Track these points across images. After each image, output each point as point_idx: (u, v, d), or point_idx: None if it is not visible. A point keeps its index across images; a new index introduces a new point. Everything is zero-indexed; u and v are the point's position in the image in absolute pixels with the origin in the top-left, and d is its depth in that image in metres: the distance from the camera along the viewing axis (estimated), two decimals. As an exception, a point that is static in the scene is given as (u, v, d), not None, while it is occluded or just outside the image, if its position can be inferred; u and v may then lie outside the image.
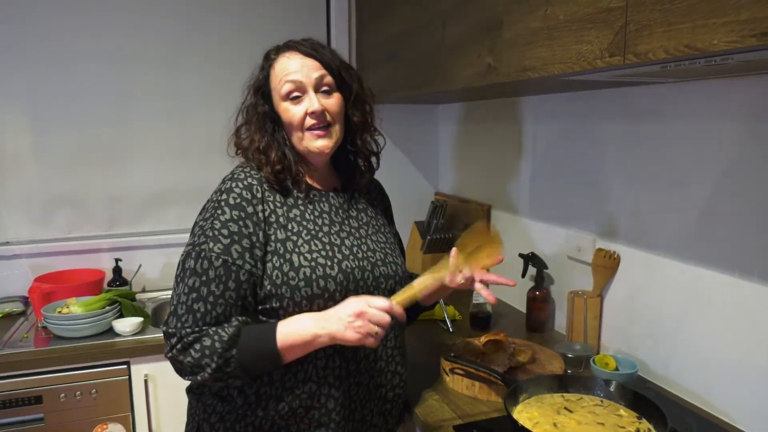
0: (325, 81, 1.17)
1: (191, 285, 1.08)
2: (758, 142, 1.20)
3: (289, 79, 1.16)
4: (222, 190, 1.14)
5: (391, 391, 1.26)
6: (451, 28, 1.64)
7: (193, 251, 1.10)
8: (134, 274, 2.32)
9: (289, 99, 1.16)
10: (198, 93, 2.39)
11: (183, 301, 1.08)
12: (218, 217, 1.10)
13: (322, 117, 1.16)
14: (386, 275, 1.23)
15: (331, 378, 1.15)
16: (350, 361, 1.18)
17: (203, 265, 1.08)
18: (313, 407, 1.15)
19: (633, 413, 1.19)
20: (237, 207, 1.11)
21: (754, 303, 1.23)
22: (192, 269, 1.08)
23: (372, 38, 2.38)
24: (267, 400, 1.14)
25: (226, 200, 1.12)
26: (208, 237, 1.09)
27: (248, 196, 1.13)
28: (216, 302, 1.07)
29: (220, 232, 1.09)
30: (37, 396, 1.78)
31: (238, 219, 1.10)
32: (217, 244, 1.08)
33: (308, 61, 1.17)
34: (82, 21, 2.24)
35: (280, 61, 1.18)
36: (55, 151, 2.27)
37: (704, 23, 0.83)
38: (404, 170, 2.75)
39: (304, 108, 1.15)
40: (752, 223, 1.23)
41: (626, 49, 0.98)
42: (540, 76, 1.23)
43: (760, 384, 1.23)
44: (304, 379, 1.13)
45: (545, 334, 1.86)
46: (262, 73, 1.21)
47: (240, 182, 1.14)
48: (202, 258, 1.08)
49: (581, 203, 1.76)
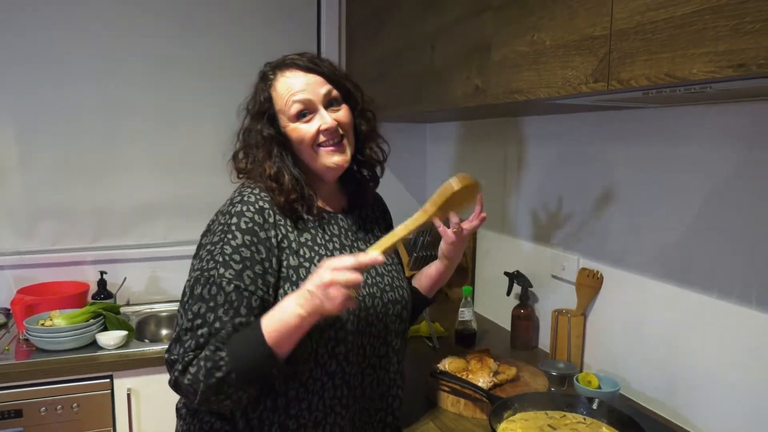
0: (333, 95, 1.15)
1: (196, 311, 1.02)
2: (738, 166, 1.24)
3: (297, 99, 1.12)
4: (232, 213, 1.08)
5: (390, 415, 1.25)
6: (440, 49, 1.68)
7: (201, 276, 1.04)
8: (119, 287, 2.30)
9: (299, 119, 1.13)
10: (186, 107, 2.40)
11: (187, 327, 1.02)
12: (229, 242, 1.05)
13: (336, 132, 1.13)
14: (394, 301, 1.21)
15: (338, 407, 1.13)
16: (357, 388, 1.16)
17: (211, 291, 1.03)
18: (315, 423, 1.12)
19: (615, 431, 1.21)
20: (249, 232, 1.06)
21: (735, 322, 1.26)
22: (199, 295, 1.03)
23: (362, 58, 2.41)
24: (270, 426, 1.10)
25: (237, 224, 1.06)
26: (218, 262, 1.03)
27: (260, 221, 1.08)
28: (222, 328, 1.01)
29: (232, 257, 1.04)
30: (17, 409, 1.75)
31: (251, 244, 1.05)
32: (228, 270, 1.03)
33: (311, 77, 1.13)
34: (70, 34, 2.24)
35: (281, 80, 1.14)
36: (41, 163, 2.26)
37: (684, 53, 0.86)
38: (392, 188, 2.76)
39: (316, 126, 1.12)
40: (732, 245, 1.26)
41: (610, 76, 1.02)
42: (527, 98, 1.26)
43: (741, 402, 1.26)
44: (309, 408, 1.10)
45: (529, 352, 1.87)
46: (263, 94, 1.15)
47: (251, 206, 1.09)
48: (210, 284, 1.03)
49: (566, 223, 1.79)
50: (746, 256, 1.23)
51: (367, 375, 1.17)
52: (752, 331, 1.22)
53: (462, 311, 1.90)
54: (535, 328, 1.92)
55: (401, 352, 1.27)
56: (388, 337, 1.21)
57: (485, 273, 2.26)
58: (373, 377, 1.19)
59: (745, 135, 1.22)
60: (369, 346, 1.17)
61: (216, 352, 0.99)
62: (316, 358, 1.09)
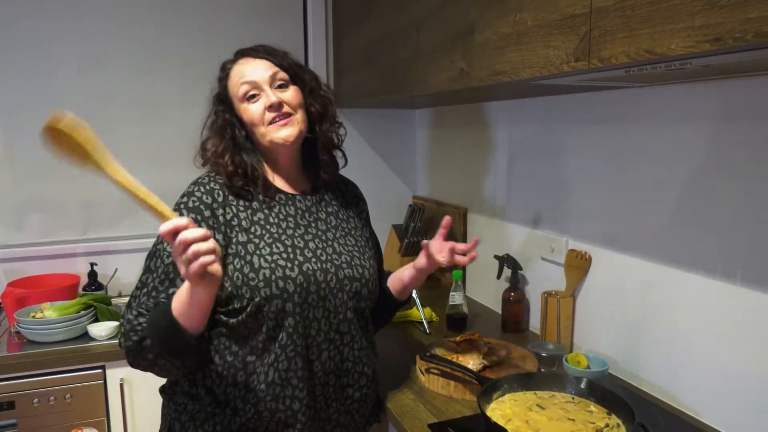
0: (279, 77, 1.22)
1: (144, 280, 1.14)
2: (723, 144, 1.25)
3: (245, 80, 1.20)
4: (184, 194, 1.20)
5: (358, 391, 1.27)
6: (426, 34, 1.67)
7: (151, 251, 1.16)
8: (110, 279, 2.30)
9: (247, 99, 1.20)
10: (173, 97, 2.39)
11: (136, 295, 1.14)
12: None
13: (280, 108, 1.20)
14: (351, 277, 1.23)
15: (294, 380, 1.15)
16: (314, 362, 1.18)
17: (156, 263, 1.14)
18: (278, 410, 1.15)
19: (603, 409, 1.22)
20: (194, 210, 1.15)
21: (720, 301, 1.27)
22: (146, 267, 1.15)
23: (349, 44, 2.40)
24: (234, 400, 1.15)
25: (185, 203, 1.17)
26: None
27: (208, 201, 1.17)
28: (157, 296, 1.11)
29: None
30: (9, 401, 1.76)
31: (195, 221, 1.11)
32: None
33: (260, 62, 1.22)
34: (56, 26, 2.22)
35: (235, 68, 1.23)
36: (28, 155, 2.24)
37: (662, 29, 0.86)
38: (382, 174, 2.77)
39: (262, 104, 1.19)
40: (716, 223, 1.27)
41: (591, 54, 1.01)
42: (510, 80, 1.26)
43: (726, 380, 1.27)
44: (266, 381, 1.14)
45: (520, 334, 1.89)
46: (221, 83, 1.26)
47: (202, 186, 1.19)
48: (156, 257, 1.14)
49: (554, 205, 1.79)
50: (730, 234, 1.24)
51: (325, 350, 1.20)
52: (738, 308, 1.23)
53: (453, 295, 1.91)
54: (525, 310, 1.93)
55: (364, 330, 1.29)
56: (348, 314, 1.23)
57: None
58: (334, 353, 1.21)
59: (728, 112, 1.23)
60: (324, 321, 1.19)
61: (137, 317, 1.09)
62: (267, 330, 1.14)
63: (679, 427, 1.30)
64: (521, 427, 1.15)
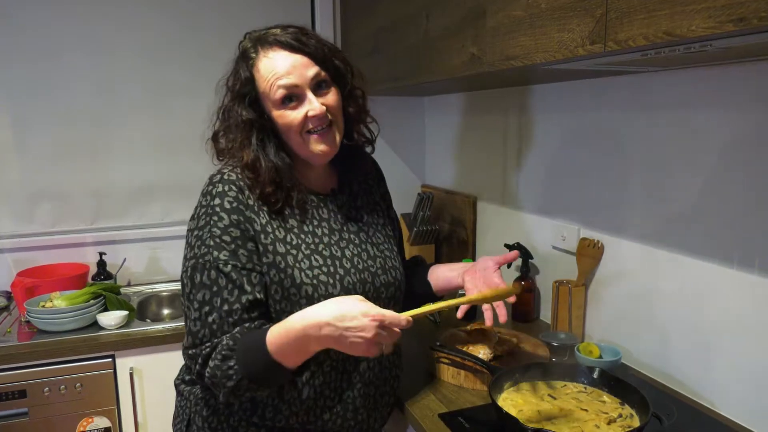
0: (321, 77, 1.08)
1: (201, 299, 1.01)
2: (742, 130, 1.22)
3: (282, 84, 1.05)
4: (213, 194, 1.05)
5: (392, 396, 1.25)
6: (436, 19, 1.64)
7: (197, 264, 1.02)
8: (119, 268, 2.30)
9: (284, 105, 1.06)
10: (181, 86, 2.37)
11: (196, 317, 1.01)
12: (216, 224, 1.03)
13: (325, 118, 1.08)
14: (386, 284, 1.19)
15: (328, 392, 1.12)
16: (352, 374, 1.14)
17: (211, 275, 1.01)
18: (308, 422, 1.12)
19: (616, 399, 1.21)
20: (234, 211, 1.04)
21: (736, 291, 1.25)
22: (200, 283, 1.01)
23: (357, 30, 2.37)
24: (264, 408, 1.10)
25: (221, 205, 1.04)
26: (210, 246, 1.01)
27: (243, 199, 1.06)
28: (231, 310, 1.00)
29: (222, 239, 1.02)
30: (21, 390, 1.77)
31: (238, 223, 1.03)
32: (222, 252, 1.01)
33: (297, 57, 1.06)
34: (65, 13, 2.21)
35: (264, 61, 1.07)
36: (37, 145, 2.24)
37: (682, 9, 0.83)
38: (391, 162, 2.75)
39: (303, 112, 1.06)
40: (734, 212, 1.24)
41: (607, 37, 0.99)
42: (523, 65, 1.23)
43: (743, 370, 1.25)
44: (299, 396, 1.09)
45: (530, 324, 1.87)
46: (244, 74, 1.08)
47: (233, 185, 1.06)
48: (208, 269, 1.01)
49: (566, 193, 1.77)
50: (748, 222, 1.21)
51: (363, 360, 1.15)
52: (754, 298, 1.21)
53: (462, 285, 1.89)
54: (536, 299, 1.91)
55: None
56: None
57: (486, 245, 2.24)
58: (372, 362, 1.17)
59: (748, 98, 1.19)
60: None
61: (224, 361, 0.97)
62: None
63: (693, 417, 1.28)
64: (533, 417, 1.14)
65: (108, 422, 1.87)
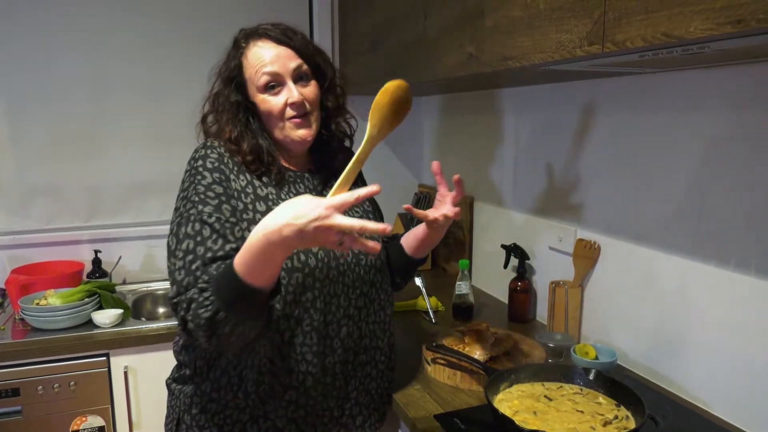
0: (303, 70, 1.17)
1: (185, 248, 1.02)
2: (737, 131, 1.21)
3: (266, 71, 1.14)
4: (196, 158, 1.13)
5: (375, 368, 1.26)
6: (433, 18, 1.64)
7: (182, 219, 1.05)
8: (114, 266, 2.29)
9: (267, 90, 1.15)
10: (177, 81, 2.36)
11: (180, 266, 1.01)
12: (200, 182, 1.08)
13: (302, 107, 1.16)
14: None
15: (309, 355, 1.14)
16: (333, 339, 1.16)
17: (195, 227, 1.03)
18: (291, 386, 1.14)
19: (612, 401, 1.20)
20: (216, 170, 1.10)
21: (732, 292, 1.25)
22: (185, 233, 1.03)
23: (355, 29, 2.36)
24: (247, 383, 1.13)
25: (203, 165, 1.11)
26: (195, 202, 1.06)
27: (225, 161, 1.13)
28: (215, 257, 1.00)
29: (206, 194, 1.07)
30: (14, 388, 1.76)
31: (220, 181, 1.09)
32: (207, 206, 1.05)
33: (282, 49, 1.15)
34: (59, 9, 2.20)
35: (253, 50, 1.16)
36: (32, 141, 2.23)
37: (680, 11, 0.83)
38: (388, 162, 2.75)
39: (283, 99, 1.15)
40: (731, 214, 1.24)
41: (605, 38, 0.98)
42: (521, 65, 1.23)
43: (737, 371, 1.25)
44: (280, 355, 1.12)
45: (527, 324, 1.87)
46: (234, 61, 1.18)
47: (214, 149, 1.14)
48: (193, 221, 1.04)
49: (563, 194, 1.76)
50: (745, 223, 1.21)
51: (344, 326, 1.18)
52: (752, 299, 1.21)
53: (459, 285, 1.89)
54: (532, 300, 1.91)
55: (384, 304, 1.27)
56: (364, 288, 1.21)
57: (482, 246, 2.24)
58: (353, 329, 1.19)
59: (744, 99, 1.19)
60: (344, 296, 1.17)
61: (202, 293, 0.96)
62: (284, 305, 1.10)
63: (688, 418, 1.28)
64: (529, 419, 1.14)
65: (102, 421, 1.86)
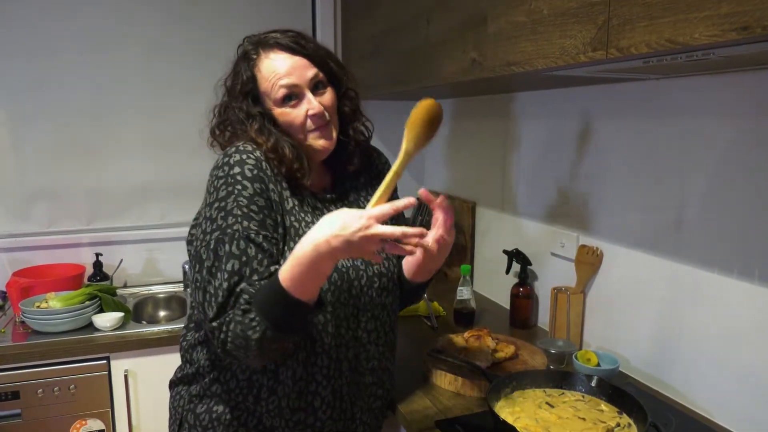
0: (319, 78, 1.14)
1: (231, 269, 0.98)
2: (741, 139, 1.21)
3: (284, 83, 1.11)
4: (231, 164, 1.05)
5: (381, 388, 1.25)
6: (436, 23, 1.64)
7: (224, 235, 1.00)
8: (115, 269, 2.29)
9: (284, 103, 1.12)
10: (180, 85, 2.37)
11: (225, 287, 0.97)
12: (241, 193, 1.02)
13: (323, 117, 1.13)
14: (379, 273, 1.20)
15: (319, 377, 1.13)
16: (342, 362, 1.15)
17: (240, 245, 0.99)
18: (299, 408, 1.13)
19: (614, 408, 1.20)
20: (256, 179, 1.04)
21: (736, 300, 1.24)
22: (229, 253, 0.98)
23: (357, 34, 2.37)
24: (259, 389, 1.12)
25: (242, 173, 1.03)
26: (238, 216, 1.01)
27: (264, 167, 1.07)
28: (261, 279, 0.99)
29: (250, 208, 1.02)
30: (14, 391, 1.75)
31: (262, 192, 1.04)
32: (251, 222, 1.01)
33: (297, 59, 1.12)
34: (62, 12, 2.20)
35: (266, 62, 1.13)
36: (34, 144, 2.24)
37: (685, 17, 0.83)
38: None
39: (303, 110, 1.12)
40: (734, 221, 1.24)
41: (609, 44, 0.98)
42: (524, 70, 1.23)
43: (740, 380, 1.24)
44: (293, 376, 1.11)
45: (528, 330, 1.86)
46: (246, 74, 1.14)
47: (250, 154, 1.06)
48: (237, 239, 0.99)
49: (565, 200, 1.76)
50: (749, 230, 1.20)
51: (352, 348, 1.17)
52: (754, 308, 1.20)
53: (460, 290, 1.89)
54: (534, 306, 1.91)
55: (393, 326, 1.26)
56: (375, 311, 1.20)
57: (484, 251, 2.24)
58: (360, 350, 1.18)
59: (750, 106, 1.19)
60: (353, 319, 1.16)
61: (245, 314, 0.95)
62: None
63: (691, 427, 1.27)
64: (530, 426, 1.13)
65: (102, 425, 1.86)
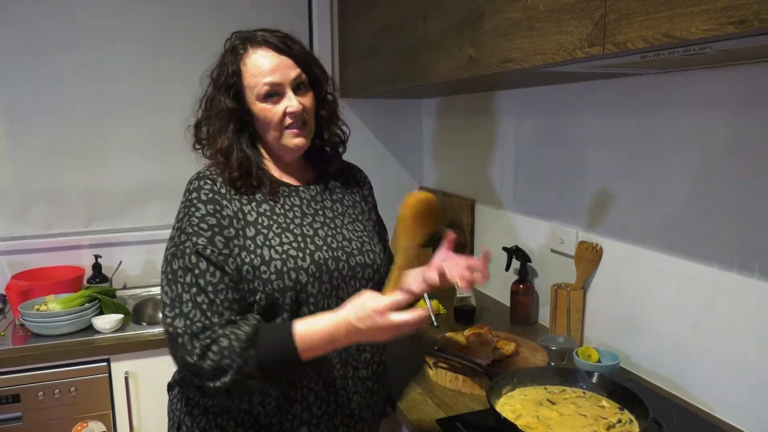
0: (302, 80, 1.18)
1: (188, 281, 1.05)
2: (738, 132, 1.21)
3: (267, 81, 1.14)
4: (191, 190, 1.13)
5: (376, 383, 1.25)
6: (433, 21, 1.64)
7: (177, 251, 1.08)
8: (114, 271, 2.28)
9: (266, 99, 1.15)
10: (176, 87, 2.35)
11: (186, 299, 1.04)
12: (194, 214, 1.09)
13: (301, 116, 1.17)
14: (363, 264, 1.21)
15: (309, 370, 1.13)
16: (331, 354, 1.16)
17: (191, 260, 1.06)
18: (295, 400, 1.13)
19: (615, 404, 1.20)
20: (210, 201, 1.11)
21: (736, 295, 1.24)
22: (184, 267, 1.06)
23: (355, 33, 2.36)
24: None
25: (197, 197, 1.11)
26: (189, 234, 1.07)
27: (221, 191, 1.13)
28: (216, 289, 1.05)
29: (200, 226, 1.08)
30: (14, 394, 1.75)
31: (214, 212, 1.09)
32: (200, 239, 1.07)
33: (283, 59, 1.16)
34: (59, 13, 2.19)
35: (252, 57, 1.16)
36: (32, 146, 2.23)
37: (682, 11, 0.83)
38: (388, 165, 2.74)
39: (282, 107, 1.15)
40: (733, 215, 1.24)
41: (605, 39, 0.98)
42: (521, 67, 1.22)
43: (740, 375, 1.24)
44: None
45: (529, 327, 1.86)
46: (231, 67, 1.17)
47: (207, 179, 1.14)
48: (188, 254, 1.06)
49: (564, 196, 1.76)
50: (748, 225, 1.20)
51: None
52: (754, 302, 1.20)
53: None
54: (534, 303, 1.90)
55: None
56: None
57: (484, 248, 2.23)
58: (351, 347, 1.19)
59: (747, 101, 1.19)
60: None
61: (246, 350, 1.00)
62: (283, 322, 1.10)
63: (691, 422, 1.27)
64: (531, 423, 1.13)
65: (103, 427, 1.86)
